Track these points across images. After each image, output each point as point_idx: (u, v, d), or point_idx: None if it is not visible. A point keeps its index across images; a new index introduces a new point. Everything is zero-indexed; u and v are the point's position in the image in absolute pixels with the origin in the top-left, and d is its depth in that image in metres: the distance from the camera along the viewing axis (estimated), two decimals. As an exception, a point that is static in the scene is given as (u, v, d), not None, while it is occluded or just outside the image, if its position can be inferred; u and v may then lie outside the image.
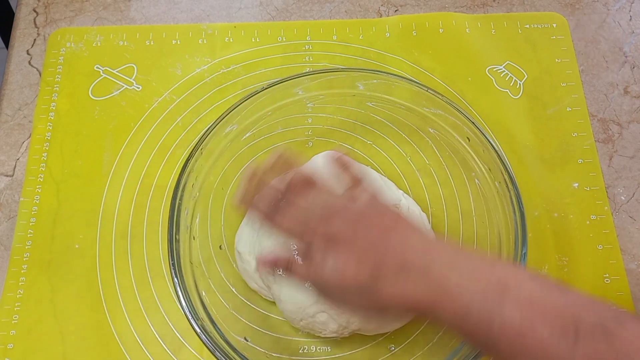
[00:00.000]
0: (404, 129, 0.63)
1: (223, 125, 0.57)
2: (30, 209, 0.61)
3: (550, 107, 0.66)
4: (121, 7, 0.72)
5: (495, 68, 0.68)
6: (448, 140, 0.61)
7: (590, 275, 0.58)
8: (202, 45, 0.69)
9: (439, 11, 0.72)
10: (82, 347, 0.55)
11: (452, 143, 0.60)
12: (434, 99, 0.58)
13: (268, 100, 0.59)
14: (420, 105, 0.60)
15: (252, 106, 0.59)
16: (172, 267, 0.51)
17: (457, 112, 0.57)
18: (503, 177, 0.54)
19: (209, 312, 0.51)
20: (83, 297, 0.57)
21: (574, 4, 0.73)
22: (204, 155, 0.56)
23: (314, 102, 0.62)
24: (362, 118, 0.64)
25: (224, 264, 0.57)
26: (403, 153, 0.63)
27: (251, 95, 0.58)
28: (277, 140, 0.63)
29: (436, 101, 0.58)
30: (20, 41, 0.70)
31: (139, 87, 0.67)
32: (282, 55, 0.69)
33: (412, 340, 0.54)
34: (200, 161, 0.56)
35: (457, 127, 0.58)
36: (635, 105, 0.67)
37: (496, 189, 0.55)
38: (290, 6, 0.73)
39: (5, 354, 0.55)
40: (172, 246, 0.51)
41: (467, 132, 0.57)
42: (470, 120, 0.57)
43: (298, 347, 0.55)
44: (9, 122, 0.66)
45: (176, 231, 0.52)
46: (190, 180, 0.55)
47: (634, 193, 0.62)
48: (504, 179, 0.54)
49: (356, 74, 0.60)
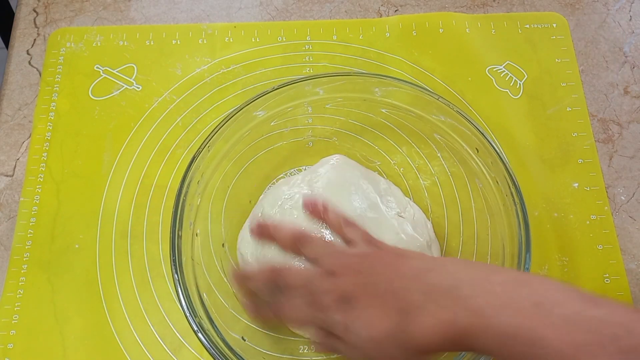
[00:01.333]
0: (411, 134, 0.62)
1: (231, 124, 0.57)
2: (30, 209, 0.61)
3: (550, 107, 0.66)
4: (121, 7, 0.72)
5: (495, 68, 0.68)
6: (455, 149, 0.59)
7: (590, 275, 0.58)
8: (202, 45, 0.69)
9: (439, 11, 0.72)
10: (82, 347, 0.55)
11: (459, 152, 0.59)
12: (443, 107, 0.57)
13: (276, 102, 0.59)
14: (428, 113, 0.59)
15: (262, 107, 0.59)
16: (172, 263, 0.50)
17: (466, 121, 0.56)
18: (510, 190, 0.53)
19: (207, 311, 0.51)
20: (83, 297, 0.57)
21: (574, 4, 0.73)
22: (211, 153, 0.56)
23: (312, 107, 0.62)
24: (370, 122, 0.63)
25: (226, 263, 0.57)
26: (408, 159, 0.62)
27: (259, 97, 0.57)
28: (280, 140, 0.63)
29: (445, 110, 0.57)
30: (20, 41, 0.70)
31: (139, 87, 0.67)
32: (282, 55, 0.69)
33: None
34: (207, 159, 0.56)
35: (466, 136, 0.57)
36: (635, 105, 0.67)
37: (503, 201, 0.54)
38: (290, 6, 0.73)
39: (5, 354, 0.55)
40: (174, 242, 0.51)
41: (477, 142, 0.56)
42: (480, 131, 0.55)
43: (298, 347, 0.55)
44: (9, 122, 0.66)
45: (179, 227, 0.52)
46: (196, 177, 0.55)
47: (634, 193, 0.62)
48: (511, 192, 0.53)
49: (373, 80, 0.59)
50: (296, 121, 0.63)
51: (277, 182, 0.61)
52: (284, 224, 0.48)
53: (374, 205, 0.55)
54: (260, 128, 0.60)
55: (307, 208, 0.50)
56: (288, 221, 0.53)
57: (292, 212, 0.55)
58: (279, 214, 0.55)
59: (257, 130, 0.60)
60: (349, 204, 0.55)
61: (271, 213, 0.55)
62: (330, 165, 0.58)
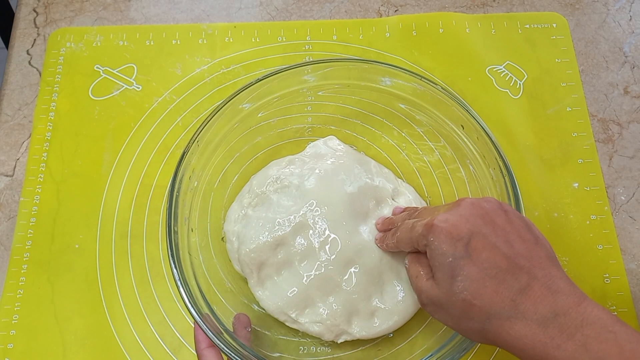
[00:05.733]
0: (394, 118, 0.63)
1: (219, 116, 0.57)
2: (30, 209, 0.61)
3: (550, 107, 0.66)
4: (121, 7, 0.72)
5: (495, 68, 0.68)
6: (441, 129, 0.60)
7: (590, 275, 0.58)
8: (202, 45, 0.69)
9: (439, 11, 0.72)
10: (82, 347, 0.55)
11: (446, 131, 0.60)
12: (428, 86, 0.58)
13: (264, 92, 0.59)
14: (414, 95, 0.60)
15: (249, 98, 0.59)
16: (170, 257, 0.50)
17: (451, 99, 0.57)
18: (497, 163, 0.54)
19: (210, 306, 0.51)
20: (83, 297, 0.57)
21: (574, 4, 0.73)
22: (201, 148, 0.56)
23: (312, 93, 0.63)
24: (358, 106, 0.64)
25: (224, 263, 0.57)
26: (392, 142, 0.63)
27: (245, 88, 0.58)
28: (273, 129, 0.63)
29: (430, 88, 0.58)
30: (20, 41, 0.70)
31: (139, 87, 0.67)
32: (282, 55, 0.69)
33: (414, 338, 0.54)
34: (197, 154, 0.56)
35: (452, 114, 0.58)
36: (635, 105, 0.67)
37: (490, 176, 0.55)
38: (290, 6, 0.73)
39: (5, 354, 0.55)
40: (170, 237, 0.51)
41: (462, 119, 0.57)
42: (464, 107, 0.56)
43: (298, 347, 0.55)
44: (9, 122, 0.66)
45: (174, 223, 0.52)
46: (187, 173, 0.54)
47: (634, 193, 0.62)
48: (499, 166, 0.54)
49: (358, 65, 0.60)
50: (284, 111, 0.63)
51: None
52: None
53: (367, 187, 0.56)
54: (248, 120, 0.61)
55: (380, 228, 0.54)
56: (276, 202, 0.54)
57: (279, 195, 0.55)
58: (267, 193, 0.56)
59: (246, 122, 0.60)
60: (340, 187, 0.55)
61: (258, 192, 0.56)
62: (321, 148, 0.59)
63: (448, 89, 0.58)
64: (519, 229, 0.43)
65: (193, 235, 0.55)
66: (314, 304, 0.52)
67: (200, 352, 0.47)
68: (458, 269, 0.41)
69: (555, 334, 0.38)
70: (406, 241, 0.47)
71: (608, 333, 0.37)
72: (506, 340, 0.40)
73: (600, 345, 0.37)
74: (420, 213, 0.49)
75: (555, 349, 0.38)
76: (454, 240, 0.42)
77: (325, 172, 0.55)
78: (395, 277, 0.53)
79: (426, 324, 0.55)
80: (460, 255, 0.41)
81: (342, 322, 0.52)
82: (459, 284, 0.41)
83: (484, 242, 0.41)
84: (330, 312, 0.51)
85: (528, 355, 0.39)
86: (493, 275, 0.40)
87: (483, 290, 0.40)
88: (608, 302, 0.57)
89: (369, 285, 0.52)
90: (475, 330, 0.42)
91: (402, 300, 0.53)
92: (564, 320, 0.38)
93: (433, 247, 0.43)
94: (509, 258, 0.41)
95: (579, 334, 0.37)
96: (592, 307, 0.38)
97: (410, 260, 0.47)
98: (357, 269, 0.52)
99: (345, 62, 0.60)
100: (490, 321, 0.40)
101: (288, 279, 0.52)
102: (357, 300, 0.52)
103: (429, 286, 0.44)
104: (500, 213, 0.43)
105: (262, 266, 0.53)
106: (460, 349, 0.48)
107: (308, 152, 0.59)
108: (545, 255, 0.42)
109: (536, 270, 0.41)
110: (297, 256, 0.52)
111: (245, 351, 0.48)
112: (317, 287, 0.52)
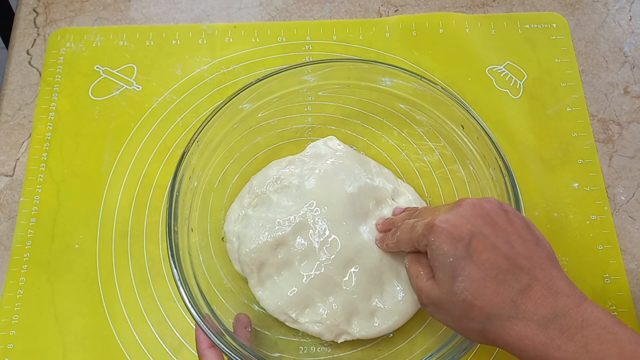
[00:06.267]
0: (394, 118, 0.63)
1: (219, 116, 0.57)
2: (30, 209, 0.61)
3: (550, 107, 0.66)
4: (121, 7, 0.72)
5: (495, 68, 0.68)
6: (441, 129, 0.60)
7: (590, 275, 0.58)
8: (202, 45, 0.69)
9: (439, 11, 0.72)
10: (82, 347, 0.55)
11: (446, 131, 0.60)
12: (428, 86, 0.58)
13: (264, 92, 0.59)
14: (414, 95, 0.60)
15: (249, 98, 0.59)
16: (170, 257, 0.50)
17: (451, 99, 0.57)
18: (497, 163, 0.54)
19: (210, 306, 0.51)
20: (83, 297, 0.57)
21: (574, 4, 0.73)
22: (201, 148, 0.56)
23: (312, 93, 0.62)
24: (358, 106, 0.64)
25: (224, 263, 0.57)
26: (392, 142, 0.63)
27: (245, 88, 0.58)
28: (273, 129, 0.63)
29: (430, 88, 0.58)
30: (20, 41, 0.70)
31: (139, 87, 0.67)
32: (282, 55, 0.69)
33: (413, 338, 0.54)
34: (197, 154, 0.56)
35: (452, 114, 0.58)
36: (635, 105, 0.67)
37: (490, 176, 0.55)
38: (290, 6, 0.73)
39: (5, 354, 0.55)
40: (170, 237, 0.51)
41: (462, 119, 0.57)
42: (464, 107, 0.56)
43: (298, 347, 0.55)
44: (9, 122, 0.66)
45: (174, 223, 0.52)
46: (187, 173, 0.55)
47: (634, 193, 0.62)
48: (499, 166, 0.54)
49: (355, 64, 0.60)
50: (285, 111, 0.63)
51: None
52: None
53: (367, 188, 0.56)
54: (248, 120, 0.60)
55: (381, 225, 0.53)
56: (276, 202, 0.54)
57: (279, 195, 0.55)
58: (267, 193, 0.56)
59: (246, 122, 0.60)
60: (340, 187, 0.55)
61: (259, 192, 0.56)
62: (321, 148, 0.59)
63: (448, 89, 0.58)
64: (519, 229, 0.43)
65: (193, 235, 0.55)
66: (314, 303, 0.52)
67: (201, 352, 0.47)
68: (459, 269, 0.41)
69: (556, 334, 0.38)
70: (406, 241, 0.47)
71: (608, 334, 0.37)
72: (506, 341, 0.40)
73: (601, 346, 0.37)
74: (421, 213, 0.49)
75: (555, 349, 0.38)
76: (455, 241, 0.42)
77: (325, 172, 0.55)
78: (395, 277, 0.53)
79: (426, 324, 0.55)
80: (461, 256, 0.41)
81: (342, 322, 0.52)
82: (459, 284, 0.41)
83: (485, 242, 0.41)
84: (330, 312, 0.51)
85: (528, 356, 0.39)
86: (494, 276, 0.40)
87: (484, 290, 0.40)
88: (608, 302, 0.57)
89: (368, 285, 0.52)
90: (475, 331, 0.42)
91: (402, 300, 0.53)
92: (564, 321, 0.38)
93: (434, 247, 0.43)
94: (510, 258, 0.41)
95: (579, 335, 0.37)
96: (592, 308, 0.39)
97: (410, 260, 0.47)
98: (357, 269, 0.52)
99: (345, 62, 0.60)
100: (490, 322, 0.40)
101: (288, 279, 0.52)
102: (357, 300, 0.52)
103: (429, 286, 0.44)
104: (500, 213, 0.43)
105: (262, 266, 0.53)
106: (460, 349, 0.48)
107: (308, 152, 0.59)
108: (545, 255, 0.42)
109: (537, 271, 0.41)
110: (297, 256, 0.52)
111: (245, 351, 0.48)
112: (317, 287, 0.52)
